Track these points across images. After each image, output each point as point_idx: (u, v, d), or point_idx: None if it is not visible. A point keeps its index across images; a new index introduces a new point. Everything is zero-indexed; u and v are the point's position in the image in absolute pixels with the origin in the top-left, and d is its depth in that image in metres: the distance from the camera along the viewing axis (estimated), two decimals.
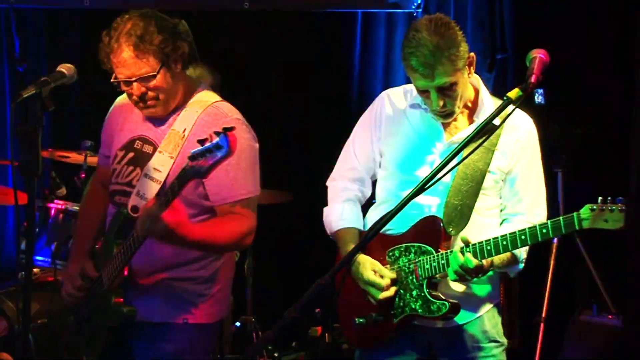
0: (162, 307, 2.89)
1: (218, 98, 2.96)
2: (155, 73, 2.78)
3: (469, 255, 2.63)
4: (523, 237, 2.61)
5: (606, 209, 2.50)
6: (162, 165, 2.83)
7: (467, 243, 2.66)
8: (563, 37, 4.85)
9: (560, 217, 2.56)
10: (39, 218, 4.63)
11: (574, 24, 4.90)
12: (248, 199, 2.85)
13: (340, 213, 3.00)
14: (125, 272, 2.83)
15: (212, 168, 2.41)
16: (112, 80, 2.84)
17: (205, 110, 2.87)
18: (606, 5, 4.68)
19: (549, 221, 2.59)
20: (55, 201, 4.67)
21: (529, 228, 2.60)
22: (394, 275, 2.79)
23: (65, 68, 2.74)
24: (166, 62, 2.80)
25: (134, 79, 2.79)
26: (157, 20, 2.82)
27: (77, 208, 4.60)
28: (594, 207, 2.52)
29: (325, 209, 3.06)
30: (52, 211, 4.66)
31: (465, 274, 2.66)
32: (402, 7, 5.22)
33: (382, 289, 2.78)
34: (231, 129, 2.36)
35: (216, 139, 2.35)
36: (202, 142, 2.38)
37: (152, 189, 2.76)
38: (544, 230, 2.57)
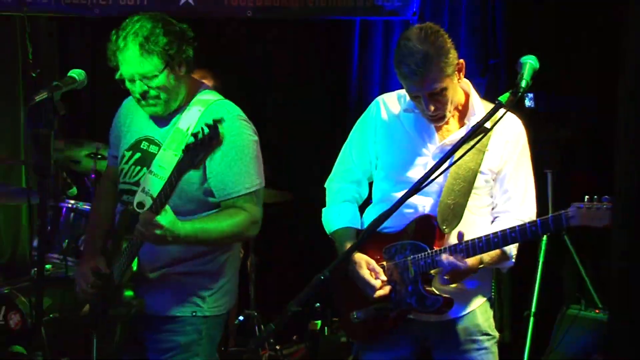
0: (172, 300, 2.90)
1: (220, 97, 2.98)
2: (157, 73, 2.79)
3: (452, 257, 2.64)
4: (513, 234, 2.61)
5: (593, 207, 2.51)
6: (166, 162, 2.84)
7: (461, 238, 2.66)
8: (553, 43, 4.86)
9: (549, 215, 2.57)
10: (51, 217, 4.64)
11: (564, 31, 4.90)
12: (251, 192, 2.86)
13: (338, 213, 3.00)
14: (135, 267, 2.83)
15: (205, 158, 2.45)
16: (116, 77, 2.85)
17: (208, 108, 2.88)
18: (595, 11, 4.68)
19: (538, 219, 2.60)
20: (67, 200, 4.68)
21: (519, 225, 2.61)
22: (385, 278, 2.80)
23: (76, 73, 2.75)
24: (170, 64, 2.81)
25: (137, 76, 2.80)
26: (164, 23, 2.83)
27: (88, 207, 4.61)
28: (581, 205, 2.52)
29: (324, 209, 3.07)
30: (64, 210, 4.67)
31: (456, 276, 2.67)
32: (399, 15, 5.23)
33: (376, 290, 2.78)
34: (221, 120, 2.40)
35: (207, 131, 2.40)
36: (195, 135, 2.43)
37: (156, 185, 2.77)
38: (534, 228, 2.58)
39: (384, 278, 2.80)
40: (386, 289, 2.79)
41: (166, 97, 2.85)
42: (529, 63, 2.55)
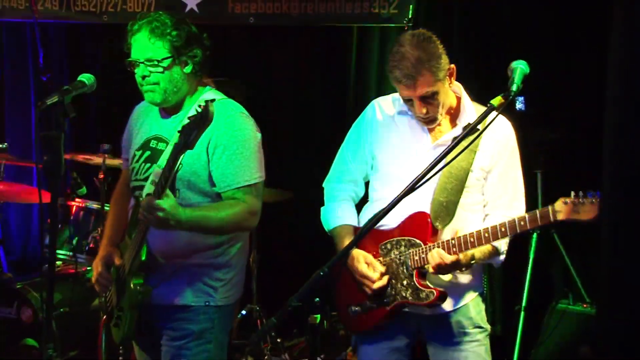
0: (186, 291, 2.92)
1: (223, 96, 3.01)
2: (160, 59, 2.83)
3: (442, 252, 2.66)
4: (503, 229, 2.63)
5: (578, 202, 2.53)
6: None
7: (454, 233, 2.68)
8: (543, 49, 4.87)
9: (537, 210, 2.59)
10: (62, 215, 4.64)
11: (554, 37, 4.91)
12: (250, 185, 2.87)
13: (336, 212, 3.02)
14: (143, 257, 2.84)
15: (197, 136, 2.47)
16: (126, 60, 2.89)
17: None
18: (584, 17, 4.69)
19: (526, 214, 2.62)
20: (76, 199, 4.68)
21: (508, 221, 2.63)
22: (383, 269, 2.81)
23: (85, 78, 2.76)
24: (175, 56, 2.85)
25: (141, 59, 2.85)
26: (179, 21, 2.89)
27: (96, 206, 4.62)
28: (567, 200, 2.55)
29: (322, 208, 3.08)
30: (74, 209, 4.68)
31: (444, 269, 2.68)
32: (394, 22, 5.24)
33: (374, 281, 2.79)
34: (212, 100, 2.45)
35: (200, 110, 2.44)
36: (190, 117, 2.49)
37: None
38: (522, 223, 2.60)
39: (382, 269, 2.81)
40: (384, 280, 2.80)
41: (164, 87, 2.87)
42: (520, 68, 2.56)
